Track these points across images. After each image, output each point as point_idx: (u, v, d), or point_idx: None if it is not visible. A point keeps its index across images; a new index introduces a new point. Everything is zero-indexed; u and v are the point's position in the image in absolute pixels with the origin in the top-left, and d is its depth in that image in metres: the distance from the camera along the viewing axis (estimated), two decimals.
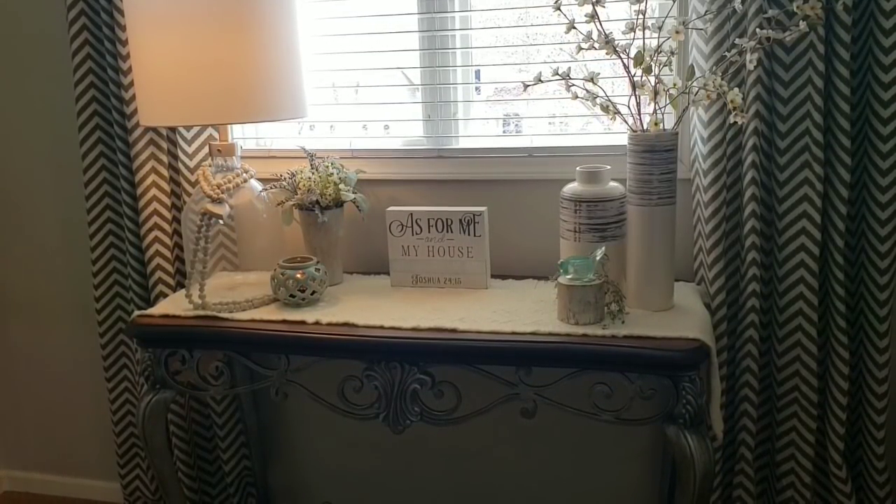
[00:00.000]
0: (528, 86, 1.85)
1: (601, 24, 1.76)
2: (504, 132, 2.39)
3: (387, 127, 2.44)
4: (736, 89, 1.70)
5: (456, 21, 2.27)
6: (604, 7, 1.75)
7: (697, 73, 1.82)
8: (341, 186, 2.13)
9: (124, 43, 2.20)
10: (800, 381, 2.03)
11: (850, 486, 2.07)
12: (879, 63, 1.82)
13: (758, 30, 1.71)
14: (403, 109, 2.41)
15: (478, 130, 2.38)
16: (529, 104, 2.34)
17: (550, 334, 1.77)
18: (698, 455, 1.70)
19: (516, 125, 2.39)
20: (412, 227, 2.11)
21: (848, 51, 1.81)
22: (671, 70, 1.92)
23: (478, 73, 2.37)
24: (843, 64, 1.82)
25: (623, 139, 2.17)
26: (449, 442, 2.48)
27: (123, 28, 2.18)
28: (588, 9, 1.74)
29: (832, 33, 1.82)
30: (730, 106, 1.70)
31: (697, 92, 1.74)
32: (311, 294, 2.01)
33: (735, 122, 1.75)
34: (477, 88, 2.38)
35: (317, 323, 1.90)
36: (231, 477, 2.56)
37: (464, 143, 2.35)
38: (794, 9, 1.68)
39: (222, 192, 2.03)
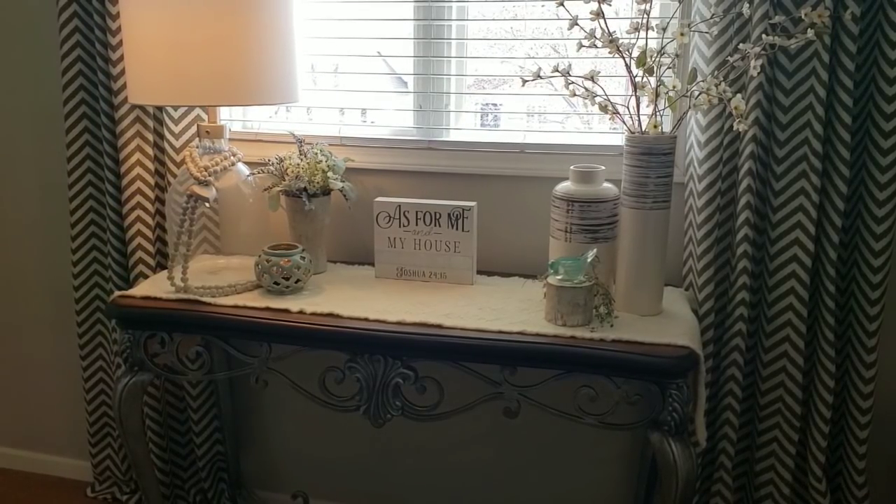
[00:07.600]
0: (527, 81, 1.81)
1: (606, 23, 1.73)
2: (482, 125, 2.36)
3: (374, 121, 2.41)
4: (739, 95, 1.67)
5: (453, 11, 2.23)
6: (609, 5, 1.72)
7: (699, 77, 1.79)
8: (329, 174, 2.09)
9: (114, 17, 2.14)
10: (784, 392, 2.01)
11: (829, 500, 2.06)
12: (884, 75, 1.80)
13: (763, 35, 1.68)
14: (394, 99, 2.38)
15: (469, 124, 2.34)
16: (520, 99, 2.30)
17: (538, 335, 1.74)
18: (681, 462, 1.69)
19: (494, 118, 2.36)
20: (400, 219, 2.07)
21: (853, 61, 1.79)
22: (673, 72, 1.89)
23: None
24: (847, 74, 1.80)
25: (616, 139, 2.15)
26: (426, 435, 2.45)
27: (114, 0, 2.13)
28: (593, 6, 1.71)
29: (838, 42, 1.80)
30: (734, 113, 1.67)
31: (699, 96, 1.71)
32: (296, 282, 1.97)
33: (737, 129, 1.72)
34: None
35: (301, 312, 1.86)
36: (203, 461, 2.52)
37: (455, 136, 2.31)
38: (802, 16, 1.65)
39: (209, 175, 1.99)
